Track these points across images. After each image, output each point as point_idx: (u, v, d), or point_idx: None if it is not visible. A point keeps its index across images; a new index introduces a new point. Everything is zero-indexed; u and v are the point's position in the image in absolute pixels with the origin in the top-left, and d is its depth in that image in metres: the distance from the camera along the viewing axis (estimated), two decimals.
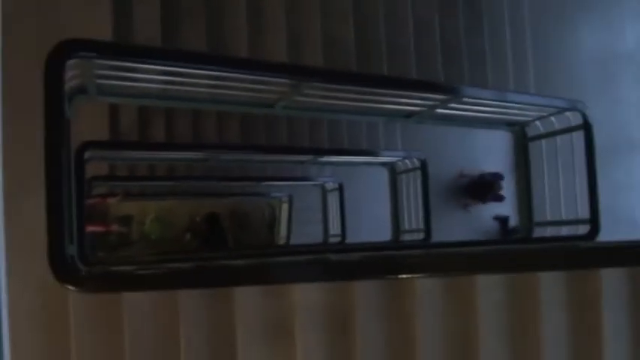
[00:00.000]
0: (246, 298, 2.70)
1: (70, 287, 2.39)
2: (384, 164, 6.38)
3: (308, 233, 8.05)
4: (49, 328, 3.34)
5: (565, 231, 4.77)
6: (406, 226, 6.05)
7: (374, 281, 2.78)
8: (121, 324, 2.73)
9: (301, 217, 8.36)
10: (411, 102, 4.31)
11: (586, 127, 4.55)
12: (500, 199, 7.88)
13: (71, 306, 2.88)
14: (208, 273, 2.64)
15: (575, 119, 4.61)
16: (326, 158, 6.58)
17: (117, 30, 5.14)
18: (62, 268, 2.37)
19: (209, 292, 2.75)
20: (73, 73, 2.93)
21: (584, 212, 4.58)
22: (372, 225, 6.87)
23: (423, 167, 5.91)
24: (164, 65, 3.21)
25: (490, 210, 8.06)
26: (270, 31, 6.37)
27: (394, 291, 2.81)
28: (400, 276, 2.72)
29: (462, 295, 2.82)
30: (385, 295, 2.82)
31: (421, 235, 5.82)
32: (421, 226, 5.83)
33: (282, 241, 8.68)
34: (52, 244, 2.36)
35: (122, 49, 3.31)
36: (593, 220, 4.54)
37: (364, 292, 2.77)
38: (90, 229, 5.18)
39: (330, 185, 7.49)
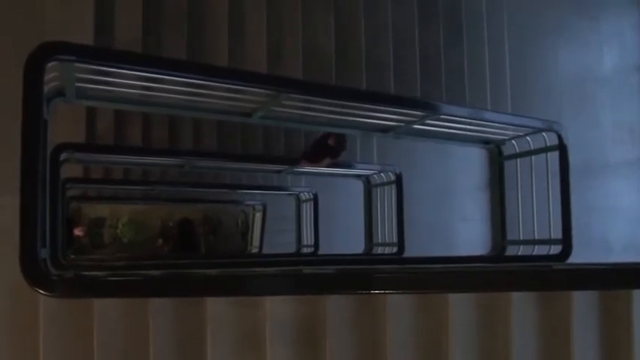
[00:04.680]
0: (218, 308, 2.69)
1: (41, 291, 2.36)
2: (359, 176, 6.39)
3: (281, 242, 8.04)
4: (19, 330, 3.31)
5: (537, 250, 4.79)
6: (379, 239, 6.05)
7: (346, 295, 2.78)
8: (90, 329, 2.71)
9: (275, 226, 8.36)
10: (388, 117, 4.32)
11: (561, 148, 4.58)
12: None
13: (41, 309, 2.86)
14: (180, 282, 2.63)
15: (550, 139, 4.64)
16: (301, 168, 6.56)
17: (98, 35, 5.12)
18: (33, 272, 2.35)
19: (180, 301, 2.73)
20: (52, 75, 2.92)
21: (556, 232, 4.60)
22: (345, 236, 6.87)
23: (399, 181, 5.91)
24: (143, 71, 3.21)
25: None
26: (251, 40, 6.37)
27: (366, 305, 2.81)
28: (372, 291, 2.72)
29: (433, 312, 2.82)
30: (356, 309, 2.81)
31: (394, 249, 5.82)
32: (394, 239, 5.82)
33: (254, 250, 8.67)
34: (24, 247, 2.34)
35: (102, 53, 3.30)
36: (566, 241, 4.57)
37: (335, 306, 2.76)
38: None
39: (304, 195, 7.49)
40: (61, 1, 4.78)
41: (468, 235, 7.65)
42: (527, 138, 4.76)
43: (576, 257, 4.53)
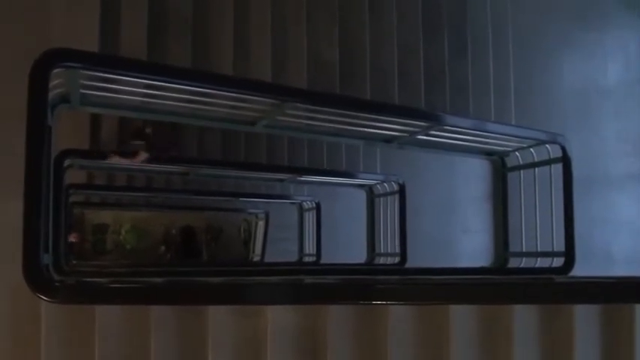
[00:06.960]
0: (219, 316, 2.69)
1: (43, 297, 2.36)
2: (362, 186, 6.38)
3: (283, 251, 8.03)
4: (20, 336, 3.31)
5: (540, 262, 4.78)
6: (382, 249, 6.04)
7: (347, 305, 2.78)
8: (92, 336, 2.71)
9: (277, 235, 8.35)
10: (392, 127, 4.32)
11: (565, 161, 4.57)
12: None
13: (43, 315, 2.86)
14: (182, 290, 2.63)
15: (554, 152, 4.63)
16: (305, 177, 6.56)
17: (104, 42, 5.13)
18: (36, 278, 2.35)
19: (182, 309, 2.73)
20: (57, 82, 2.92)
21: (559, 244, 4.59)
22: (347, 246, 6.86)
23: (402, 191, 5.90)
24: (148, 79, 3.21)
25: None
26: (256, 49, 6.38)
27: (367, 316, 2.81)
28: (374, 302, 2.72)
29: (434, 324, 2.82)
30: (358, 320, 2.81)
31: (396, 259, 5.81)
32: (397, 250, 5.81)
33: (256, 258, 8.67)
34: (27, 253, 2.34)
35: (107, 60, 3.30)
36: (568, 254, 4.55)
37: (337, 316, 2.76)
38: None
39: (307, 204, 7.49)
40: (66, 6, 4.79)
41: (470, 246, 7.64)
42: (531, 150, 4.75)
43: (579, 270, 4.51)
